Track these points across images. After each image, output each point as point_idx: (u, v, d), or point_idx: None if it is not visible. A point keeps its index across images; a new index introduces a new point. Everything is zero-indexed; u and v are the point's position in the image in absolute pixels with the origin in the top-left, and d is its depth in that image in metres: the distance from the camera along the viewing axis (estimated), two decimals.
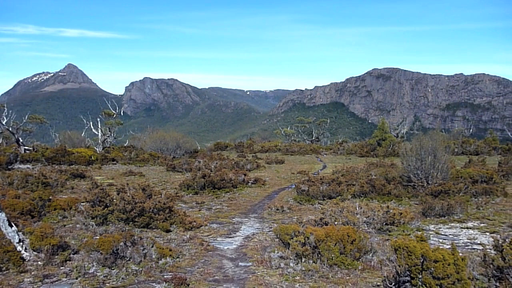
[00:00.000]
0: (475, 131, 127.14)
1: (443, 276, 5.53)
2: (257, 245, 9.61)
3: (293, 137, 58.20)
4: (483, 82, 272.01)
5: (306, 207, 15.24)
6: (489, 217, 12.98)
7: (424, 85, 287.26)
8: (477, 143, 38.63)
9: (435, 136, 18.50)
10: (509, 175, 21.11)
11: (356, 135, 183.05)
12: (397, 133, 50.14)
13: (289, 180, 22.60)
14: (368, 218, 11.56)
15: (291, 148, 42.39)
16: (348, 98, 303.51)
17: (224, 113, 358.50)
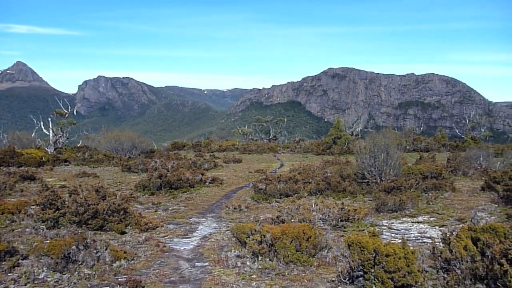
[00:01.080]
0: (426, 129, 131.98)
1: (394, 270, 5.71)
2: (214, 244, 9.57)
3: (251, 136, 58.35)
4: (433, 81, 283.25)
5: (264, 206, 15.32)
6: (439, 211, 13.50)
7: (377, 85, 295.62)
8: (427, 141, 40.15)
9: (387, 134, 19.08)
10: (457, 170, 22.05)
11: (313, 134, 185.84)
12: (352, 131, 51.29)
13: (247, 179, 22.64)
14: (324, 215, 11.77)
15: (249, 147, 42.48)
16: (305, 97, 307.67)
17: (181, 112, 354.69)
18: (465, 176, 21.21)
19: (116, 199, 12.05)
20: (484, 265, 5.94)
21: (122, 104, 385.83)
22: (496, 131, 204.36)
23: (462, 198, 15.74)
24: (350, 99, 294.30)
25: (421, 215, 13.11)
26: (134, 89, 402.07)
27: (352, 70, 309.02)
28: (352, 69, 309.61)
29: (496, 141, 79.13)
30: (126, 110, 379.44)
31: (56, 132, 38.12)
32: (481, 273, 5.94)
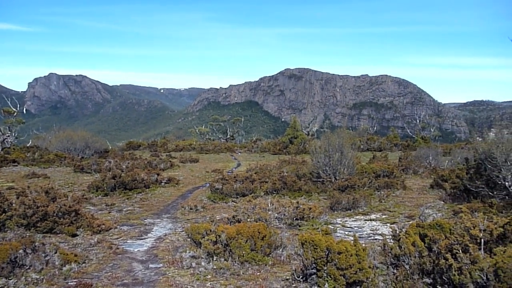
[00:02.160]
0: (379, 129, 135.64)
1: (346, 267, 5.83)
2: (168, 245, 9.45)
3: (208, 135, 58.03)
4: (386, 83, 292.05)
5: (220, 205, 15.28)
6: (390, 209, 13.94)
7: (333, 85, 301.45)
8: (380, 140, 41.29)
9: (341, 134, 19.46)
10: (408, 169, 22.83)
11: (270, 133, 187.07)
12: (308, 131, 51.98)
13: (204, 179, 22.50)
14: (280, 214, 11.88)
15: (206, 147, 42.23)
16: (262, 97, 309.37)
17: (137, 112, 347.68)
18: (415, 175, 21.99)
19: (67, 200, 11.67)
20: (431, 260, 6.17)
21: (75, 102, 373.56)
22: (445, 131, 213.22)
23: (412, 195, 16.32)
24: (307, 99, 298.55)
25: (374, 212, 13.48)
26: (88, 88, 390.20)
27: (308, 70, 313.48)
28: (308, 70, 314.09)
29: (444, 141, 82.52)
30: (79, 109, 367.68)
31: (4, 131, 36.46)
32: (428, 267, 6.17)
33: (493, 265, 5.12)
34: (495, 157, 13.04)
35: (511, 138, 13.74)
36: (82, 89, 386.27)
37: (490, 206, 11.43)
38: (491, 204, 11.66)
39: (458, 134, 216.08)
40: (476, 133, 21.52)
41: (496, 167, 13.00)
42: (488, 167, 13.39)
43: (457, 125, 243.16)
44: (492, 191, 13.29)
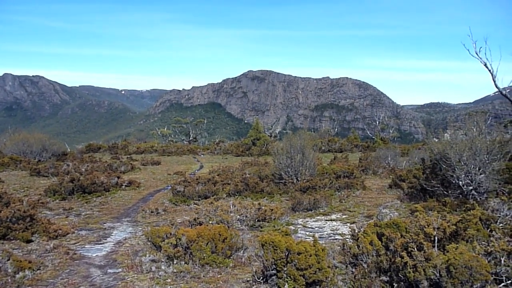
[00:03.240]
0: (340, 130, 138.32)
1: (305, 267, 5.89)
2: (128, 250, 9.26)
3: (170, 137, 57.36)
4: (347, 85, 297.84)
5: (182, 208, 15.13)
6: (350, 209, 14.20)
7: (295, 87, 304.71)
8: (341, 141, 41.97)
9: (303, 136, 19.68)
10: (367, 170, 23.33)
11: (233, 135, 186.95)
12: (271, 133, 52.30)
13: (165, 182, 22.23)
14: (242, 216, 11.87)
15: (168, 149, 41.71)
16: (225, 98, 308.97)
17: (97, 113, 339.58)
18: (375, 175, 22.50)
19: (22, 205, 11.27)
20: (388, 258, 6.32)
21: (31, 104, 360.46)
22: (403, 132, 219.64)
23: (371, 195, 16.68)
24: (269, 101, 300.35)
25: (334, 213, 13.69)
26: (45, 88, 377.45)
27: (271, 73, 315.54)
28: (271, 72, 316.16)
29: (403, 142, 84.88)
30: (36, 110, 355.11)
31: None
32: (385, 266, 6.31)
33: (445, 262, 5.30)
34: (449, 157, 13.52)
35: (464, 139, 14.27)
36: (39, 90, 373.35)
37: (444, 205, 11.83)
38: (444, 203, 12.07)
39: (416, 135, 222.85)
40: (432, 134, 22.28)
41: (450, 167, 13.48)
42: (443, 167, 13.86)
43: (414, 126, 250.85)
44: (447, 190, 13.76)
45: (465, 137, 14.45)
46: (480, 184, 13.01)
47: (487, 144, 13.36)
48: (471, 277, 5.08)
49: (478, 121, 15.83)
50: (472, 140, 13.52)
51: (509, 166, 14.05)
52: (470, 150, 13.26)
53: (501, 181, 13.12)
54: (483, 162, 13.07)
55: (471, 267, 5.05)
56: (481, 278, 5.04)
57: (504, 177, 13.32)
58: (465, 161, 13.16)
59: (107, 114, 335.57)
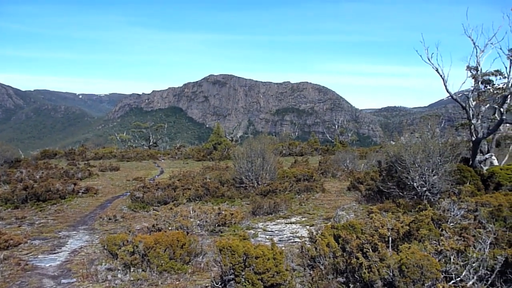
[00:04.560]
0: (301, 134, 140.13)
1: (263, 271, 5.91)
2: (83, 259, 9.00)
3: (130, 142, 56.31)
4: (307, 90, 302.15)
5: (141, 215, 14.89)
6: (310, 211, 14.37)
7: (256, 92, 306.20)
8: (301, 145, 42.47)
9: (263, 140, 19.79)
10: (327, 173, 23.71)
11: (195, 140, 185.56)
12: (232, 137, 52.28)
13: (124, 188, 21.81)
14: (202, 221, 11.79)
15: (127, 154, 40.94)
16: (186, 103, 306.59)
17: (53, 118, 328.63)
18: (334, 178, 22.90)
19: None
20: (344, 260, 6.43)
21: None
22: (362, 136, 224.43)
23: (330, 198, 16.96)
24: (231, 105, 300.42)
25: (294, 216, 13.82)
26: None
27: (232, 77, 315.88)
28: (232, 76, 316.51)
29: (361, 145, 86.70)
30: None
31: None
32: (342, 267, 6.42)
33: (398, 262, 5.44)
34: (404, 159, 13.94)
35: (418, 142, 14.76)
36: None
37: (398, 206, 12.17)
38: (398, 204, 12.42)
39: (374, 138, 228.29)
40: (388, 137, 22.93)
41: (406, 169, 13.90)
42: (399, 169, 14.27)
43: (373, 130, 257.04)
44: (403, 192, 14.17)
45: (419, 140, 14.95)
46: (433, 185, 13.48)
47: (439, 147, 13.88)
48: (422, 275, 5.24)
49: (431, 125, 16.43)
50: (426, 143, 14.00)
51: (460, 168, 14.63)
52: (423, 152, 13.72)
53: (453, 182, 13.63)
54: (436, 164, 13.55)
55: (422, 266, 5.22)
56: (431, 277, 5.21)
57: (455, 178, 13.85)
58: (419, 163, 13.61)
59: (64, 119, 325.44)
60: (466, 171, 14.65)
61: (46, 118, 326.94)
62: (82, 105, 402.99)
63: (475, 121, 16.27)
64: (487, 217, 8.43)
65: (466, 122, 16.95)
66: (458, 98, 16.54)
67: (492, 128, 16.03)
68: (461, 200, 9.14)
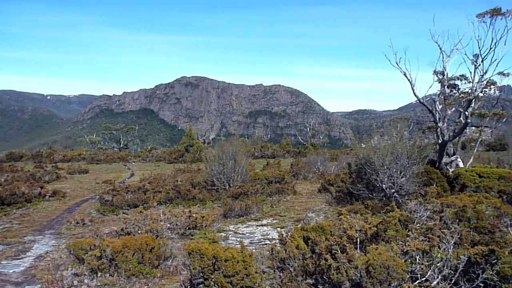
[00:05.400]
0: (273, 136, 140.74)
1: (233, 274, 5.90)
2: (49, 264, 8.78)
3: (100, 145, 55.34)
4: (279, 92, 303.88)
5: (110, 218, 14.65)
6: (281, 213, 14.44)
7: (229, 94, 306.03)
8: (273, 147, 42.65)
9: (235, 142, 19.78)
10: (298, 175, 23.88)
11: (166, 142, 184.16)
12: (204, 139, 52.05)
13: (93, 191, 21.43)
14: (172, 224, 11.68)
15: (97, 157, 40.21)
16: (158, 104, 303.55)
17: (20, 119, 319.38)
18: (305, 180, 23.07)
19: None
20: (313, 262, 6.49)
21: None
22: (333, 138, 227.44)
23: (302, 200, 17.07)
24: (203, 107, 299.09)
25: (265, 218, 13.85)
26: None
27: (204, 79, 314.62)
28: (205, 78, 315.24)
29: (332, 147, 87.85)
30: None
31: None
32: (311, 269, 6.47)
33: (365, 263, 5.52)
34: (373, 162, 14.16)
35: (387, 145, 15.03)
36: None
37: (367, 208, 12.36)
38: (367, 205, 12.61)
39: (345, 140, 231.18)
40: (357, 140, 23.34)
41: (375, 171, 14.12)
42: (368, 171, 14.49)
43: (344, 132, 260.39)
44: (372, 193, 14.40)
45: (388, 142, 15.23)
46: (401, 186, 13.74)
47: (407, 149, 14.16)
48: (388, 276, 5.33)
49: (400, 128, 16.76)
50: (394, 146, 14.27)
51: (427, 170, 14.97)
52: (392, 155, 13.98)
53: (420, 184, 13.93)
54: (404, 166, 13.83)
55: (389, 266, 5.31)
56: (397, 277, 5.31)
57: (422, 180, 14.16)
58: (387, 166, 13.85)
59: (31, 121, 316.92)
60: (433, 173, 15.00)
61: (13, 120, 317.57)
62: (50, 106, 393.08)
63: (442, 124, 16.68)
64: (452, 217, 8.64)
65: (433, 125, 17.35)
66: (425, 102, 16.93)
67: (458, 131, 16.48)
68: (427, 202, 9.35)
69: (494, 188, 12.90)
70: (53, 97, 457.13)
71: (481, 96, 18.49)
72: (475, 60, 16.19)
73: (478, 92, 16.37)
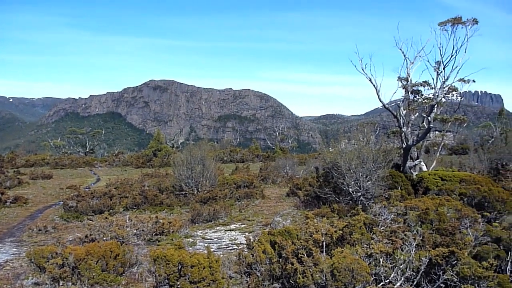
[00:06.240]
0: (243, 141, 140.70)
1: (199, 280, 5.85)
2: (9, 273, 8.48)
3: (65, 149, 54.02)
4: (249, 96, 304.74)
5: (74, 225, 14.29)
6: (249, 218, 14.44)
7: (198, 98, 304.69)
8: (243, 152, 42.68)
9: (203, 146, 19.68)
10: (267, 179, 23.95)
11: (134, 146, 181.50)
12: (173, 144, 51.57)
13: (57, 197, 20.88)
14: (138, 230, 11.50)
15: (62, 161, 39.23)
16: (126, 108, 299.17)
17: None
18: (274, 184, 23.16)
19: None
20: (280, 266, 6.51)
21: None
22: (302, 142, 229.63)
23: (270, 204, 17.13)
24: (172, 111, 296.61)
25: (234, 222, 13.82)
26: None
27: (173, 82, 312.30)
28: (173, 82, 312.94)
29: (301, 151, 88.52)
30: None
31: None
32: (277, 273, 6.49)
33: (330, 266, 5.58)
34: (340, 165, 14.36)
35: (353, 149, 15.27)
36: None
37: (333, 211, 12.51)
38: (333, 209, 12.76)
39: (313, 145, 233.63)
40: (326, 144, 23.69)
41: (341, 175, 14.31)
42: (335, 175, 14.67)
43: (312, 137, 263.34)
44: (339, 197, 14.58)
45: (355, 147, 15.48)
46: (367, 190, 13.98)
47: (373, 153, 14.43)
48: (353, 279, 5.41)
49: (366, 132, 17.08)
50: (360, 150, 14.51)
51: (392, 173, 15.29)
52: (358, 159, 14.21)
53: (385, 187, 14.21)
54: (370, 170, 14.08)
55: (353, 269, 5.39)
56: (361, 280, 5.39)
57: (388, 183, 14.44)
58: (354, 169, 14.06)
59: None
60: (398, 176, 15.32)
61: None
62: (13, 109, 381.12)
63: (406, 129, 17.08)
64: (415, 220, 8.85)
65: (398, 130, 17.74)
66: (390, 107, 17.30)
67: (421, 136, 16.90)
68: (391, 205, 9.55)
69: (456, 191, 13.28)
70: (16, 100, 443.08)
71: (443, 101, 19.03)
72: (437, 67, 16.66)
73: (440, 98, 16.85)
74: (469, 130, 60.29)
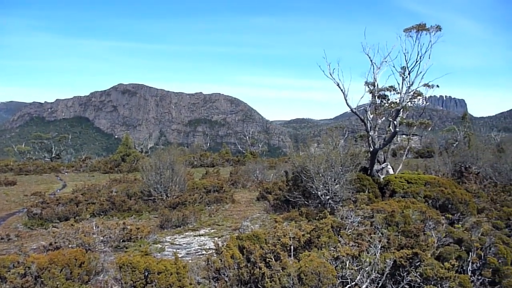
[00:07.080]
0: (213, 145, 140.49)
1: (166, 286, 5.79)
2: None
3: (29, 154, 52.48)
4: (219, 101, 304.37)
5: (39, 232, 13.91)
6: (219, 223, 14.38)
7: (168, 102, 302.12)
8: (213, 156, 42.48)
9: (172, 151, 19.51)
10: (237, 183, 23.92)
11: (103, 151, 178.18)
12: (142, 148, 50.90)
13: (21, 204, 20.25)
14: (105, 237, 11.29)
15: (26, 167, 38.10)
16: (93, 112, 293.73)
17: None
18: (244, 188, 23.15)
19: None
20: (248, 270, 6.51)
21: None
22: (272, 146, 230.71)
23: (240, 208, 17.11)
24: (141, 115, 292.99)
25: (203, 228, 13.74)
26: None
27: (142, 86, 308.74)
28: (142, 86, 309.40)
29: (272, 155, 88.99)
30: None
31: None
32: (246, 278, 6.49)
33: (297, 270, 5.62)
34: (308, 169, 14.50)
35: (322, 153, 15.45)
36: None
37: (301, 215, 12.61)
38: (301, 212, 12.87)
39: (284, 149, 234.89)
40: (295, 148, 23.97)
41: (310, 179, 14.46)
42: (304, 178, 14.81)
43: (283, 141, 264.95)
44: (308, 200, 14.72)
45: (324, 150, 15.66)
46: (335, 193, 14.17)
47: (341, 157, 14.64)
48: (320, 282, 5.46)
49: (335, 136, 17.30)
50: (328, 154, 14.70)
51: (360, 177, 15.55)
52: (326, 162, 14.39)
53: (353, 190, 14.43)
54: (338, 174, 14.27)
55: (320, 273, 5.44)
56: (328, 283, 5.45)
57: (355, 187, 14.68)
58: (322, 173, 14.23)
59: None
60: (365, 179, 15.59)
61: None
62: None
63: (373, 133, 17.40)
64: (382, 222, 9.01)
65: (365, 134, 18.06)
66: (358, 111, 17.58)
67: (387, 139, 17.25)
68: (358, 208, 9.70)
69: (421, 193, 13.61)
70: None
71: (409, 106, 19.49)
72: (402, 72, 17.05)
73: (406, 102, 17.26)
74: (435, 133, 62.02)
